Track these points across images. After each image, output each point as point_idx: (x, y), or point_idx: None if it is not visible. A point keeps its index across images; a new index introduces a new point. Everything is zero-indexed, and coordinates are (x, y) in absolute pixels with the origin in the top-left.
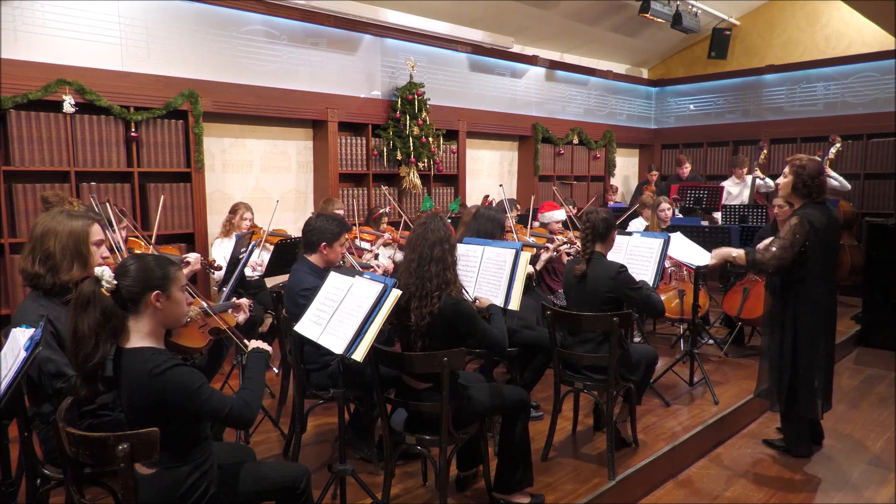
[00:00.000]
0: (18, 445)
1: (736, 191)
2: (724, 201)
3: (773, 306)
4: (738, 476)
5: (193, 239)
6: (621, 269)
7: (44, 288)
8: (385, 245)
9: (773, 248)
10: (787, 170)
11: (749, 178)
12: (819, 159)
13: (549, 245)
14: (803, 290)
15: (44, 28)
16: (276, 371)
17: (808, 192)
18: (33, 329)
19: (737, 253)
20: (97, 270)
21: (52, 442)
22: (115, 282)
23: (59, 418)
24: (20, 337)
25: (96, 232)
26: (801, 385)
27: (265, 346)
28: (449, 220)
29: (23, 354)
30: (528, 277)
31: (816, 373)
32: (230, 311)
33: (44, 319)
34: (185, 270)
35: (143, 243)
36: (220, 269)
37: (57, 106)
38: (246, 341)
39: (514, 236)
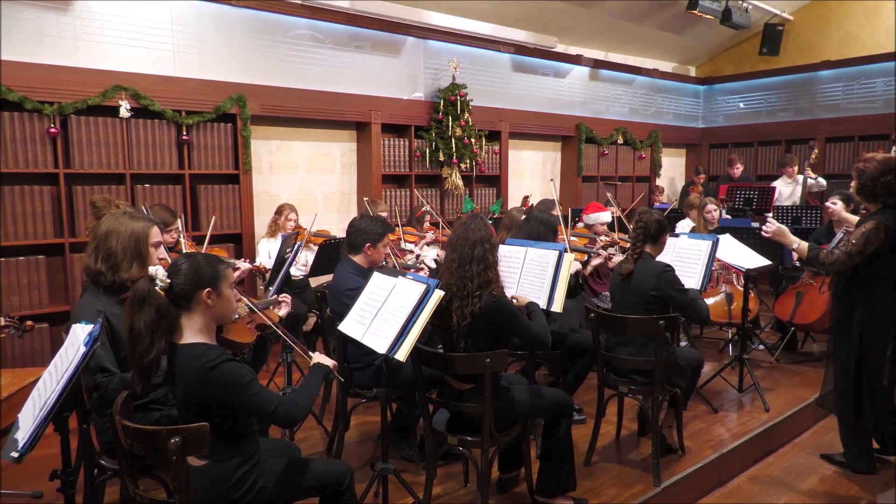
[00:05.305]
0: (77, 436)
1: (788, 191)
2: (776, 202)
3: (839, 312)
4: (789, 488)
5: (241, 239)
6: (666, 269)
7: (104, 285)
8: (429, 245)
9: (839, 251)
10: (853, 173)
11: (800, 178)
12: (889, 157)
13: (600, 252)
14: (871, 296)
15: (102, 36)
16: (342, 379)
17: (874, 194)
18: (92, 325)
19: (797, 244)
20: (151, 269)
21: (108, 434)
22: (169, 280)
23: (115, 412)
24: (80, 333)
25: (155, 234)
26: (865, 398)
27: (328, 361)
28: (490, 222)
29: (82, 350)
30: (575, 278)
31: (882, 386)
32: (272, 306)
33: (101, 316)
34: (234, 275)
35: (193, 244)
36: (267, 270)
37: (114, 111)
38: (310, 353)
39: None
